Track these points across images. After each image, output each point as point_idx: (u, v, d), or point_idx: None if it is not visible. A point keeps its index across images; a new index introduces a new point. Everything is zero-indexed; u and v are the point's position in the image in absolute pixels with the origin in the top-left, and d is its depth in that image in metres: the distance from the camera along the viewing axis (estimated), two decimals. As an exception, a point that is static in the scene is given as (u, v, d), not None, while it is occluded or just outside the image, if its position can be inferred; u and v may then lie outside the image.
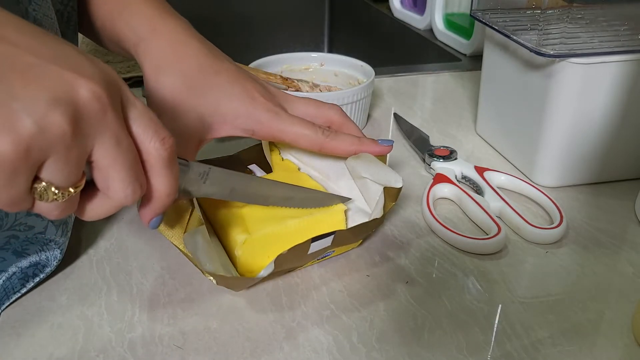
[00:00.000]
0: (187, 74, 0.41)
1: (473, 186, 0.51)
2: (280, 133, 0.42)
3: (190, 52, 0.42)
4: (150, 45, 0.42)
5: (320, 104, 0.45)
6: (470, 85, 0.75)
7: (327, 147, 0.43)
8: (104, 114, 0.27)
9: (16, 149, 0.24)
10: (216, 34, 0.45)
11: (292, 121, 0.42)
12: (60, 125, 0.25)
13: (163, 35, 0.42)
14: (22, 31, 0.26)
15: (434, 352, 0.34)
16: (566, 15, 0.48)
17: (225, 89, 0.41)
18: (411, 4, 1.02)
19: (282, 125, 0.42)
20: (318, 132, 0.42)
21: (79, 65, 0.27)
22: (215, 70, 0.42)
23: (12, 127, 0.24)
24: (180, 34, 0.42)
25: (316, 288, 0.39)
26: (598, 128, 0.49)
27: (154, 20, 0.42)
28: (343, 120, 0.45)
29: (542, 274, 0.41)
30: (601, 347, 0.35)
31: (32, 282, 0.38)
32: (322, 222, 0.40)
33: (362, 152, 0.43)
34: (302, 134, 0.42)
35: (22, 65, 0.25)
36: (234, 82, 0.42)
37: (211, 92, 0.41)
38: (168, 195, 0.31)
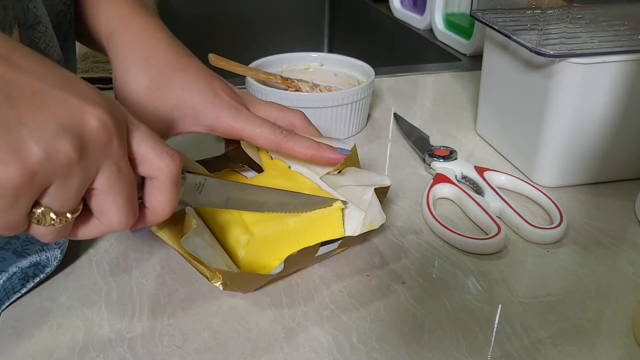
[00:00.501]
0: (153, 71, 0.41)
1: (473, 186, 0.51)
2: (239, 131, 0.42)
3: (158, 47, 0.42)
4: (120, 39, 0.42)
5: (284, 108, 0.46)
6: (470, 85, 0.75)
7: (283, 147, 0.43)
8: (109, 142, 0.27)
9: (22, 175, 0.24)
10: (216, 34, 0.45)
11: (251, 119, 0.43)
12: (66, 153, 0.25)
13: (132, 30, 0.42)
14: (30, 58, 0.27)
15: (434, 352, 0.34)
16: (566, 15, 0.48)
17: (190, 85, 0.42)
18: (411, 4, 1.02)
19: (240, 123, 0.42)
20: (276, 132, 0.43)
21: (85, 92, 0.27)
22: (182, 66, 0.42)
23: (20, 153, 0.24)
24: (149, 29, 0.43)
25: (316, 288, 0.39)
26: (598, 128, 0.49)
27: (125, 14, 0.43)
28: (305, 125, 0.46)
29: (542, 274, 0.41)
30: (601, 347, 0.35)
31: (32, 282, 0.38)
32: (320, 220, 0.40)
33: (317, 158, 0.43)
34: (260, 133, 0.42)
35: (31, 91, 0.25)
36: (199, 78, 0.43)
37: (176, 88, 0.42)
38: (170, 210, 0.32)
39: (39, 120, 0.25)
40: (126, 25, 0.42)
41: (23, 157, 0.24)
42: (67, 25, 0.43)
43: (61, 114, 0.26)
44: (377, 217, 0.39)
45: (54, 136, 0.25)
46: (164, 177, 0.30)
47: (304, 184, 0.43)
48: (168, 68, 0.42)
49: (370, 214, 0.40)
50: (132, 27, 0.42)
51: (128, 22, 0.42)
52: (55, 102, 0.26)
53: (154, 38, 0.42)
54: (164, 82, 0.41)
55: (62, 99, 0.26)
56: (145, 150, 0.30)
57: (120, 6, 0.43)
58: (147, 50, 0.42)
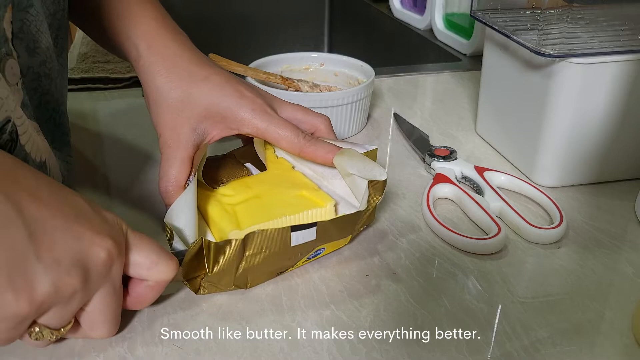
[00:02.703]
0: (178, 87, 0.43)
1: (473, 186, 0.51)
2: (264, 132, 0.43)
3: (182, 62, 0.44)
4: (147, 61, 0.44)
5: (309, 111, 0.47)
6: (470, 85, 0.75)
7: (306, 152, 0.43)
8: (110, 268, 0.30)
9: (30, 306, 0.27)
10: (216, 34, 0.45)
11: (276, 121, 0.43)
12: (73, 285, 0.28)
13: (158, 51, 0.44)
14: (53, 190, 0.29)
15: (434, 352, 0.34)
16: (566, 15, 0.48)
17: (215, 92, 0.43)
18: (411, 4, 1.02)
19: (265, 124, 0.43)
20: (300, 136, 0.43)
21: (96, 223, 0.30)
22: (204, 76, 0.44)
23: (32, 286, 0.27)
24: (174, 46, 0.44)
25: (316, 288, 0.39)
26: (598, 128, 0.49)
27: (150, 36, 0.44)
28: (328, 131, 0.46)
29: (542, 274, 0.41)
30: (601, 347, 0.35)
31: None
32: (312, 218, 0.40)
33: None
34: (283, 135, 0.43)
35: (52, 227, 0.28)
36: (224, 83, 0.44)
37: (202, 98, 0.43)
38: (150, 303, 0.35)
39: (54, 256, 0.27)
40: (150, 48, 0.44)
41: (34, 290, 0.27)
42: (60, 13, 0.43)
43: (75, 249, 0.28)
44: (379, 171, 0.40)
45: (65, 272, 0.28)
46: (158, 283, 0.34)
47: (304, 184, 0.43)
48: (192, 81, 0.43)
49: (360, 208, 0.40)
50: (156, 49, 0.44)
51: (151, 45, 0.44)
52: (71, 237, 0.28)
53: (177, 54, 0.44)
54: (191, 96, 0.43)
55: (78, 234, 0.29)
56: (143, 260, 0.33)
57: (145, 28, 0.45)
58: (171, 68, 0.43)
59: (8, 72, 0.35)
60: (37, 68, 0.40)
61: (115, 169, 0.55)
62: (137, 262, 0.33)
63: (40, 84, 0.41)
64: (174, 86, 0.43)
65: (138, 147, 0.58)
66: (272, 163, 0.46)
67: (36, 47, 0.39)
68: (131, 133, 0.60)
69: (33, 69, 0.40)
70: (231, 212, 0.40)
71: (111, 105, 0.68)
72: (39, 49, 0.39)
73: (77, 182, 0.49)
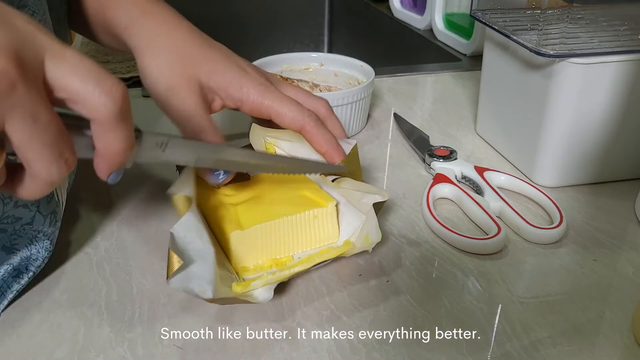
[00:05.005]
0: (181, 48, 0.41)
1: (473, 186, 0.51)
2: (267, 108, 0.42)
3: (181, 29, 0.43)
4: (142, 26, 0.42)
5: (309, 94, 0.46)
6: (470, 85, 0.75)
7: (306, 131, 0.43)
8: (11, 90, 0.24)
9: None
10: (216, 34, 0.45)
11: (280, 97, 0.43)
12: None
13: (153, 17, 0.42)
14: None
15: (434, 352, 0.34)
16: (566, 15, 0.48)
17: (219, 60, 0.42)
18: (411, 4, 1.02)
19: (268, 100, 0.42)
20: (304, 114, 0.43)
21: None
22: (208, 44, 0.43)
23: None
24: (171, 15, 0.43)
25: (316, 288, 0.39)
26: (598, 128, 0.49)
27: (145, 6, 0.43)
28: (329, 114, 0.46)
29: (542, 274, 0.41)
30: (601, 347, 0.35)
31: (25, 276, 0.37)
32: (315, 218, 0.40)
33: (329, 156, 0.43)
34: (287, 111, 0.42)
35: None
36: (227, 56, 0.43)
37: (206, 63, 0.42)
38: (123, 152, 0.29)
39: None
40: (147, 14, 0.42)
41: None
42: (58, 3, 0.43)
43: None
44: (373, 232, 0.39)
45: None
46: (101, 117, 0.27)
47: (305, 184, 0.43)
48: (195, 49, 0.42)
49: (368, 226, 0.39)
50: (154, 16, 0.42)
51: (148, 12, 0.43)
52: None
53: (176, 24, 0.43)
54: (194, 58, 0.42)
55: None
56: (74, 86, 0.26)
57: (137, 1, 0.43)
58: (170, 31, 0.42)
59: None
60: None
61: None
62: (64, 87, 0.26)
63: None
64: (175, 48, 0.41)
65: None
66: None
67: None
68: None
69: None
70: (232, 212, 0.40)
71: (111, 105, 0.68)
72: None
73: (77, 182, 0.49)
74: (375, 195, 0.40)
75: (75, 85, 0.26)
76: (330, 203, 0.41)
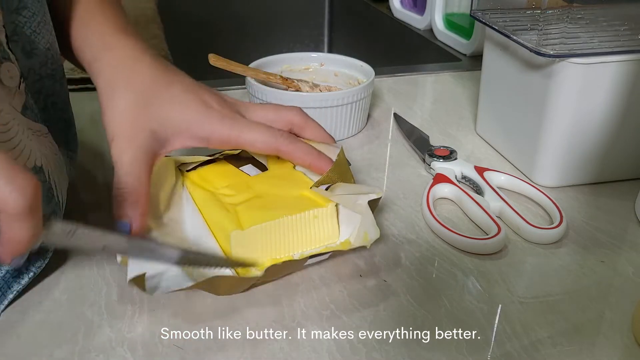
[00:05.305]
0: (139, 90, 0.40)
1: (473, 186, 0.51)
2: (236, 138, 0.41)
3: (143, 67, 0.41)
4: (103, 63, 0.41)
5: (279, 107, 0.45)
6: (470, 85, 0.75)
7: (283, 151, 0.42)
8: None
9: None
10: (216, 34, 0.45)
11: (248, 126, 0.41)
12: None
13: (116, 53, 0.41)
14: None
15: (434, 352, 0.34)
16: (566, 15, 0.48)
17: (179, 100, 0.41)
18: (411, 4, 1.02)
19: (237, 131, 0.41)
20: (275, 135, 0.42)
21: None
22: (168, 82, 0.41)
23: None
24: (133, 51, 0.42)
25: (316, 288, 0.39)
26: (598, 128, 0.49)
27: (107, 39, 0.42)
28: (304, 121, 0.45)
29: (542, 274, 0.41)
30: (601, 347, 0.35)
31: (26, 277, 0.37)
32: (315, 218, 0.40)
33: (315, 167, 0.43)
34: (258, 138, 0.41)
35: None
36: (187, 91, 0.41)
37: (164, 105, 0.40)
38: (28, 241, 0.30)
39: None
40: (109, 50, 0.41)
41: None
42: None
43: None
44: (371, 230, 0.39)
45: None
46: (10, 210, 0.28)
47: (305, 184, 0.43)
48: (154, 85, 0.41)
49: (365, 224, 0.40)
50: (116, 52, 0.41)
51: (112, 48, 0.41)
52: None
53: (138, 60, 0.41)
54: (152, 100, 0.40)
55: None
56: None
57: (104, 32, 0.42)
58: (132, 71, 0.41)
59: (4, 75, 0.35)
60: (38, 69, 0.40)
61: (115, 169, 0.55)
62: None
63: (44, 85, 0.41)
64: (133, 90, 0.40)
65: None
66: (273, 163, 0.46)
67: (33, 48, 0.39)
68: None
69: (34, 71, 0.39)
70: (232, 212, 0.40)
71: (111, 105, 0.68)
72: (36, 50, 0.39)
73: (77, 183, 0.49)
74: (370, 194, 0.40)
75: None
76: (330, 203, 0.41)
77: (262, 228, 0.39)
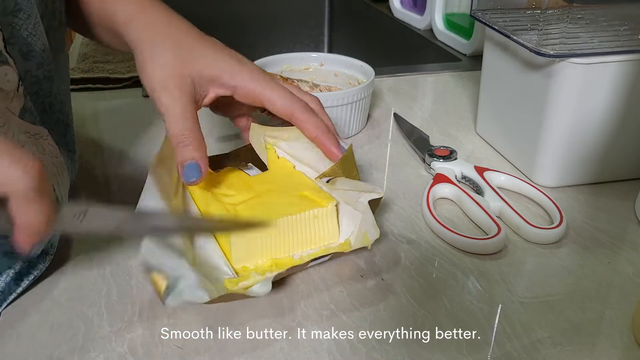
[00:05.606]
0: (178, 45, 0.43)
1: (473, 186, 0.51)
2: (259, 94, 0.44)
3: (178, 25, 0.44)
4: (139, 21, 0.43)
5: (301, 90, 0.48)
6: (470, 85, 0.75)
7: (296, 117, 0.44)
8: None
9: None
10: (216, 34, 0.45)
11: (272, 85, 0.44)
12: None
13: (152, 13, 0.44)
14: None
15: (434, 352, 0.34)
16: (566, 15, 0.48)
17: (214, 52, 0.44)
18: (411, 4, 1.02)
19: (261, 87, 0.44)
20: (294, 101, 0.44)
21: None
22: (204, 38, 0.45)
23: None
24: (166, 11, 0.45)
25: (316, 288, 0.39)
26: (598, 128, 0.49)
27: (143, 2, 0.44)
28: (319, 110, 0.47)
29: (542, 274, 0.41)
30: (601, 347, 0.35)
31: (26, 280, 0.38)
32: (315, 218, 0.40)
33: (320, 141, 0.44)
34: (278, 98, 0.44)
35: None
36: (221, 48, 0.45)
37: (201, 56, 0.43)
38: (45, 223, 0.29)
39: None
40: (145, 10, 0.44)
41: None
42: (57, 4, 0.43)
43: None
44: (371, 230, 0.39)
45: None
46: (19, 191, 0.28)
47: (305, 184, 0.43)
48: (191, 40, 0.44)
49: (365, 224, 0.40)
50: (151, 11, 0.44)
51: (146, 7, 0.44)
52: None
53: (172, 17, 0.45)
54: (191, 52, 0.43)
55: None
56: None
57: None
58: (167, 27, 0.44)
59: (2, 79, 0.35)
60: (35, 72, 0.40)
61: (116, 169, 0.55)
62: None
63: (41, 87, 0.41)
64: (172, 42, 0.43)
65: (138, 147, 0.58)
66: (274, 163, 0.46)
67: (30, 50, 0.39)
68: (131, 133, 0.60)
69: (31, 73, 0.39)
70: (232, 212, 0.40)
71: (111, 105, 0.68)
72: (33, 52, 0.39)
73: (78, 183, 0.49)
74: (371, 193, 0.41)
75: None
76: (330, 203, 0.41)
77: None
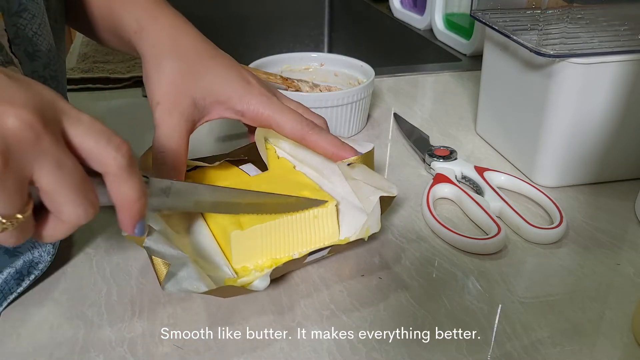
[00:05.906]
0: (185, 59, 0.42)
1: (473, 186, 0.51)
2: (267, 118, 0.43)
3: (188, 38, 0.44)
4: (151, 32, 0.43)
5: (308, 110, 0.47)
6: (470, 85, 0.75)
7: (308, 140, 0.44)
8: (37, 140, 0.26)
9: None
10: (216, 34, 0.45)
11: (281, 109, 0.44)
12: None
13: (163, 23, 0.44)
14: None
15: (434, 352, 0.34)
16: (566, 15, 0.48)
17: (221, 73, 0.43)
18: (411, 4, 1.02)
19: (270, 111, 0.43)
20: (303, 123, 0.44)
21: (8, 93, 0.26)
22: (212, 55, 0.44)
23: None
24: (178, 23, 0.44)
25: (316, 288, 0.39)
26: (598, 128, 0.49)
27: (154, 10, 0.44)
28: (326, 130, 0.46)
29: (542, 274, 0.41)
30: (601, 347, 0.35)
31: (27, 280, 0.38)
32: (315, 218, 0.40)
33: (337, 156, 0.43)
34: (287, 122, 0.43)
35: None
36: (230, 67, 0.44)
37: (207, 75, 0.43)
38: (139, 199, 0.30)
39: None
40: (155, 19, 0.44)
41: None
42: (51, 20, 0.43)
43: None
44: (373, 225, 0.39)
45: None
46: (113, 171, 0.29)
47: (305, 184, 0.43)
48: (198, 56, 0.43)
49: (370, 220, 0.40)
50: (161, 21, 0.44)
51: (157, 17, 0.44)
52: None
53: (182, 30, 0.44)
54: (197, 70, 0.43)
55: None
56: (88, 144, 0.29)
57: (148, 3, 0.44)
58: (177, 41, 0.43)
59: None
60: (42, 72, 0.40)
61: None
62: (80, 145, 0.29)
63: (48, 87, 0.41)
64: (179, 58, 0.42)
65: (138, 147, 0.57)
66: (274, 163, 0.46)
67: (35, 50, 0.39)
68: (131, 133, 0.60)
69: (38, 73, 0.39)
70: None
71: (111, 105, 0.68)
72: (39, 52, 0.39)
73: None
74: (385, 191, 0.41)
75: (90, 144, 0.29)
76: (331, 203, 0.41)
77: (262, 228, 0.39)
